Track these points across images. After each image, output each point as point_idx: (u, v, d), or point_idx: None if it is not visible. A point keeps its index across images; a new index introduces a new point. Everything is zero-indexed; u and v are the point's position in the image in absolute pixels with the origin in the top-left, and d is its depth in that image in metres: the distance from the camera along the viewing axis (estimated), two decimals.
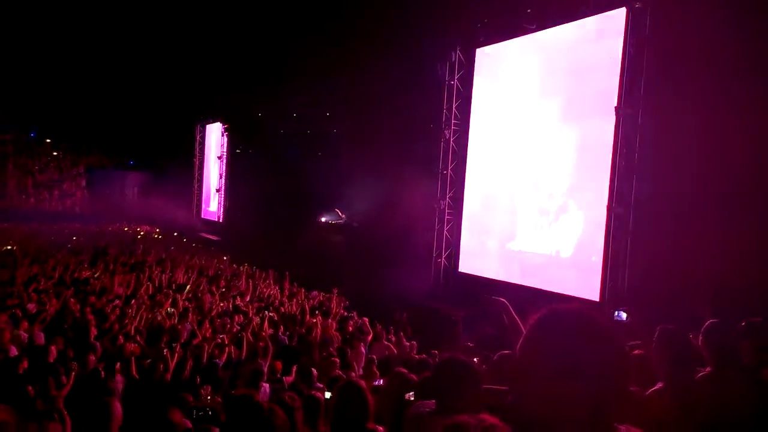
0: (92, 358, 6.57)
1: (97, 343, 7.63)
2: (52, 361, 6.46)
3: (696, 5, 9.13)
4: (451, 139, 15.19)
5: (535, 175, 12.77)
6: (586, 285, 11.11)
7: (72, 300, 10.06)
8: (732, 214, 8.42)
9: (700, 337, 3.28)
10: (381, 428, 3.30)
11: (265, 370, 6.79)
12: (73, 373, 5.75)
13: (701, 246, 8.54)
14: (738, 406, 2.93)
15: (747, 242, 8.04)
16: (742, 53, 8.34)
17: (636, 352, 4.16)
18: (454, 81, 15.11)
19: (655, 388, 3.16)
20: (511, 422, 1.42)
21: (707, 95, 8.74)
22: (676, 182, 9.29)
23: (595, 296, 10.79)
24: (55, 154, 39.23)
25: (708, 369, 3.19)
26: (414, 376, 4.28)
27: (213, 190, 31.58)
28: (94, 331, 8.16)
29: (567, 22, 12.13)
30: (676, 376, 3.12)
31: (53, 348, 6.80)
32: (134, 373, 6.30)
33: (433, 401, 2.96)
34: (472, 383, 2.87)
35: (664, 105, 9.77)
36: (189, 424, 3.81)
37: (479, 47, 14.75)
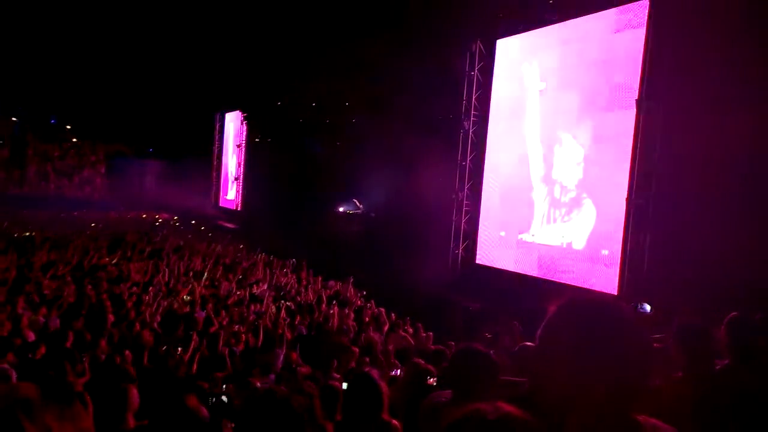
0: (106, 344, 6.61)
1: (114, 330, 7.69)
2: (69, 346, 6.50)
3: None
4: (471, 130, 15.09)
5: (551, 168, 12.65)
6: (604, 278, 11.05)
7: (89, 286, 10.14)
8: (753, 208, 8.28)
9: (722, 330, 3.24)
10: (395, 421, 3.26)
11: (280, 359, 6.79)
12: (87, 360, 5.77)
13: (721, 239, 8.41)
14: (757, 398, 2.88)
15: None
16: (765, 46, 8.18)
17: (656, 345, 4.10)
18: (474, 72, 14.99)
19: (674, 378, 3.12)
20: (528, 410, 1.39)
21: (729, 88, 8.59)
22: (697, 175, 9.16)
23: (612, 289, 10.72)
24: (74, 140, 39.59)
25: (726, 361, 3.17)
26: (431, 367, 4.24)
27: (231, 179, 31.70)
28: (111, 318, 8.21)
29: (588, 13, 11.95)
30: (694, 369, 3.07)
31: (70, 333, 6.84)
32: (147, 361, 6.32)
33: (450, 391, 2.93)
34: (490, 373, 2.85)
35: (685, 98, 9.60)
36: (205, 412, 3.79)
37: (500, 38, 14.62)
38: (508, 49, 14.50)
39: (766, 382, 2.98)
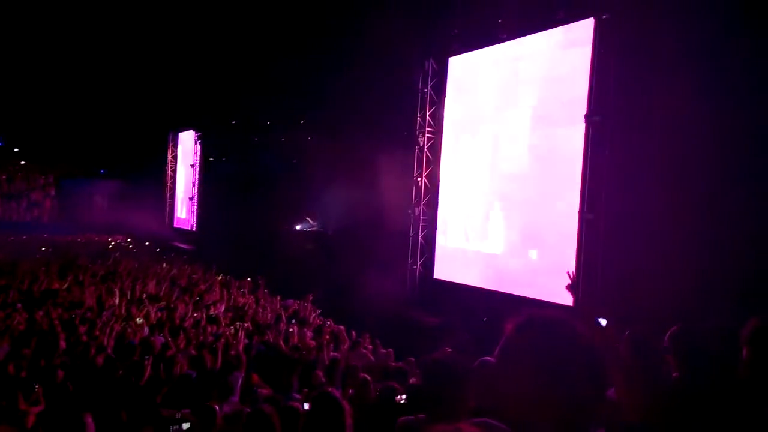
0: (61, 372, 6.46)
1: (67, 357, 7.51)
2: (22, 375, 6.33)
3: (663, 14, 9.30)
4: (425, 147, 15.25)
5: (505, 183, 12.87)
6: (559, 291, 11.22)
7: (40, 312, 9.88)
8: (703, 219, 8.55)
9: (667, 342, 3.31)
10: None
11: (240, 382, 6.73)
12: (41, 389, 5.63)
13: (672, 250, 8.67)
14: (708, 407, 2.97)
15: (720, 245, 8.20)
16: (711, 61, 8.51)
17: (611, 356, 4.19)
18: (427, 89, 15.19)
19: (631, 389, 3.19)
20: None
21: (676, 102, 8.88)
22: (646, 189, 9.42)
23: (568, 301, 10.90)
24: (23, 163, 38.52)
25: (676, 374, 3.22)
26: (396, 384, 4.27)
27: (186, 199, 31.26)
28: (63, 345, 8.01)
29: (537, 31, 12.26)
30: (645, 379, 3.14)
31: (23, 362, 6.66)
32: (102, 387, 6.18)
33: (423, 415, 2.92)
34: (462, 384, 2.85)
35: (633, 113, 9.91)
36: None
37: (452, 56, 14.86)
38: (460, 66, 14.74)
39: (717, 391, 3.06)
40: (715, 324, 3.61)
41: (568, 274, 3.31)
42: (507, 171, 12.88)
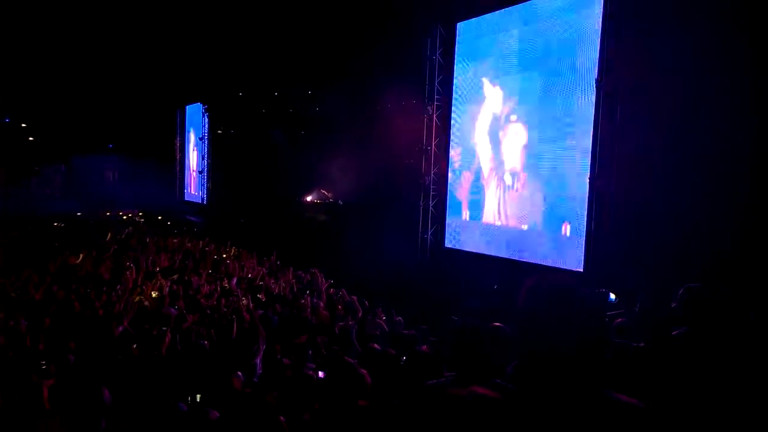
0: (73, 345, 6.55)
1: (84, 330, 7.60)
2: (40, 348, 6.43)
3: None
4: (434, 115, 15.15)
5: (515, 149, 12.79)
6: (570, 257, 11.27)
7: (56, 287, 9.98)
8: (714, 186, 8.49)
9: (677, 301, 3.40)
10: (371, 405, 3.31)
11: (260, 353, 6.81)
12: (57, 362, 5.71)
13: (682, 217, 8.64)
14: (714, 359, 3.03)
15: (729, 213, 8.16)
16: (723, 23, 8.36)
17: (618, 320, 4.25)
18: (435, 56, 15.04)
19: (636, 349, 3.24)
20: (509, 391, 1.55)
21: (688, 66, 8.75)
22: (656, 154, 9.33)
23: (579, 267, 10.95)
24: (31, 139, 38.60)
25: (684, 328, 3.31)
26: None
27: (195, 173, 31.33)
28: (79, 318, 8.11)
29: None
30: (656, 338, 3.19)
31: (40, 335, 6.76)
32: (120, 359, 6.26)
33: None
34: (488, 348, 2.86)
35: (644, 78, 9.74)
36: (185, 409, 3.81)
37: (460, 21, 14.66)
38: (469, 32, 14.55)
39: (721, 344, 3.13)
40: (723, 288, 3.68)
41: None
42: (517, 138, 12.79)
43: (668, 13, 9.11)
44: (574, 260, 11.18)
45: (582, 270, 10.84)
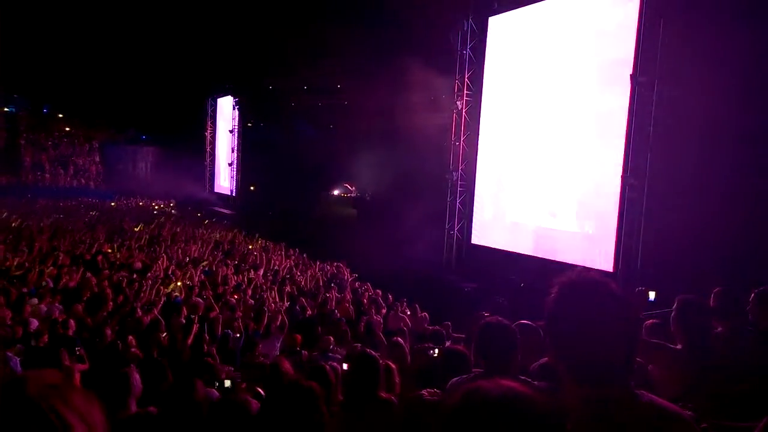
0: (108, 331, 6.69)
1: (115, 316, 7.77)
2: (71, 333, 6.58)
3: None
4: (464, 110, 15.06)
5: (546, 146, 12.65)
6: (599, 256, 11.12)
7: (89, 274, 10.20)
8: (748, 186, 8.33)
9: (711, 301, 3.46)
10: (393, 397, 3.33)
11: (279, 344, 6.89)
12: (88, 346, 5.85)
13: (716, 217, 8.48)
14: (748, 358, 3.05)
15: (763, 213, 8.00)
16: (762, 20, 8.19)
17: (649, 321, 4.20)
18: (466, 51, 14.93)
19: (674, 351, 3.21)
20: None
21: (725, 64, 8.58)
22: (692, 153, 9.16)
23: (608, 267, 10.80)
24: (67, 129, 39.41)
25: (720, 329, 3.31)
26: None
27: (225, 164, 31.64)
28: (110, 305, 8.29)
29: None
30: (693, 339, 3.16)
31: (72, 321, 6.91)
32: (149, 346, 6.39)
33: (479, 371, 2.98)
34: (516, 345, 2.89)
35: (681, 73, 9.56)
36: (215, 395, 3.89)
37: (492, 15, 14.56)
38: (500, 27, 14.44)
39: (756, 343, 3.12)
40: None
41: None
42: (546, 134, 12.66)
43: (710, 6, 8.92)
44: (603, 259, 11.04)
45: (612, 270, 10.68)
